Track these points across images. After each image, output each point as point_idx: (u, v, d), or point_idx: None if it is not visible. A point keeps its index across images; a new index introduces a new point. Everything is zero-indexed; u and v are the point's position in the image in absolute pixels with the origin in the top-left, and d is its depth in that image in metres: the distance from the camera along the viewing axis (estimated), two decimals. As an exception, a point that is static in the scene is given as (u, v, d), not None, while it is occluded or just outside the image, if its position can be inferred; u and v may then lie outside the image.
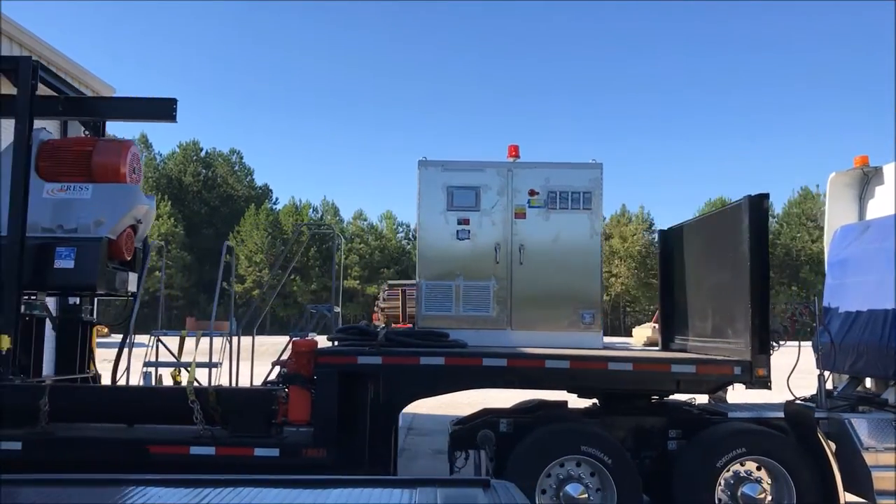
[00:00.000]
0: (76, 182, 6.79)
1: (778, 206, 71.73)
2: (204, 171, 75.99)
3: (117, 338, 7.25)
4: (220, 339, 7.33)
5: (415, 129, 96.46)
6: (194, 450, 5.74)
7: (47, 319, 7.22)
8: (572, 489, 5.87)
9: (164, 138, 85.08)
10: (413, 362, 6.04)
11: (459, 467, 6.58)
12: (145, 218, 7.13)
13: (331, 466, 5.69)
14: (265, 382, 6.88)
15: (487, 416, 6.56)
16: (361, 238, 70.15)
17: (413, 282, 9.38)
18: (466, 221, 7.53)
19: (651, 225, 72.78)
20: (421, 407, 10.87)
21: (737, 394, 6.98)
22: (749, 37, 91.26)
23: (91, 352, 7.53)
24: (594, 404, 7.07)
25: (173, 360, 7.04)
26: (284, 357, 6.59)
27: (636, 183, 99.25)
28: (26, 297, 6.69)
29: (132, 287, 7.17)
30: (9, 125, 6.90)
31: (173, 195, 69.92)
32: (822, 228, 7.98)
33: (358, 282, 66.79)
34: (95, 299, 7.67)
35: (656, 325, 10.08)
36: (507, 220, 7.53)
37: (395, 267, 67.74)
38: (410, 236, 73.07)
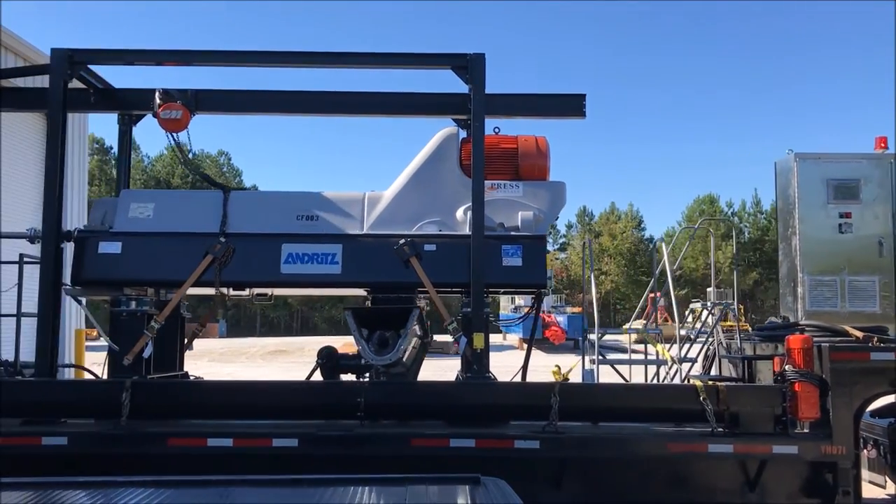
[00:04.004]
0: (504, 180, 6.58)
1: None
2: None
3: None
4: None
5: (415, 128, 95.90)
6: (712, 447, 5.63)
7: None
8: None
9: (151, 140, 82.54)
10: None
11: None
12: None
13: (850, 465, 5.68)
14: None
15: None
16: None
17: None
18: (848, 215, 7.47)
19: (640, 222, 73.20)
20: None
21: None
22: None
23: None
24: None
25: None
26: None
27: (629, 182, 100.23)
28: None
29: None
30: (9, 119, 6.57)
31: (162, 198, 68.12)
32: None
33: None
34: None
35: (644, 322, 10.03)
36: (889, 213, 7.49)
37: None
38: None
